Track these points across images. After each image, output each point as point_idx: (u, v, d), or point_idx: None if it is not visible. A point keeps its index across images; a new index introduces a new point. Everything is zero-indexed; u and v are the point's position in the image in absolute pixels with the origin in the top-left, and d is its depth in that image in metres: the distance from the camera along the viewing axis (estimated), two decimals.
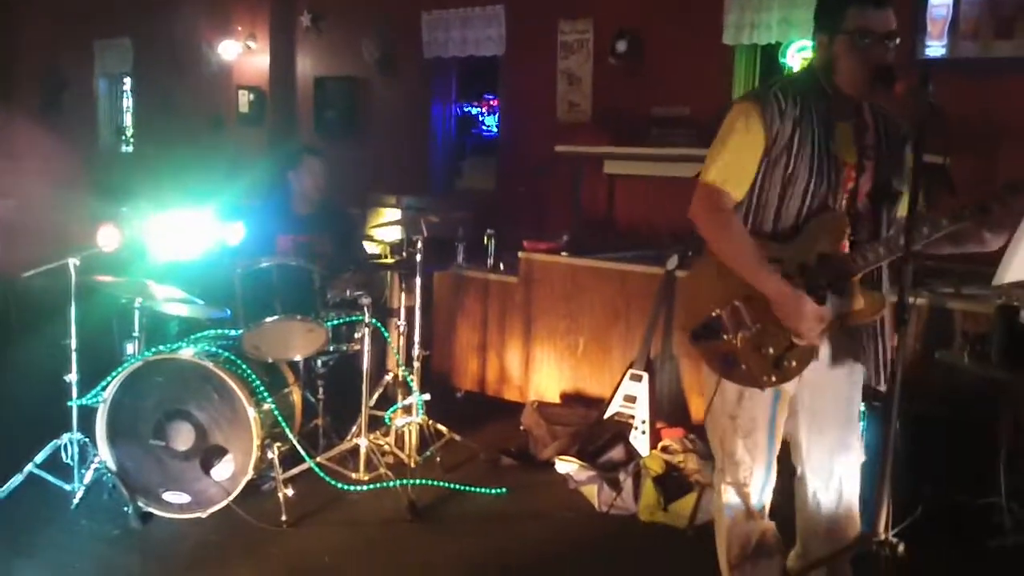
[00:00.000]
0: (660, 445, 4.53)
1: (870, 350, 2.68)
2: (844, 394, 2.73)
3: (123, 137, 10.61)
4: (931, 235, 2.39)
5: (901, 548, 2.34)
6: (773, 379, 2.59)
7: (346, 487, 4.24)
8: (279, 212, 4.89)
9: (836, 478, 2.74)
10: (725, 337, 2.60)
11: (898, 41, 2.51)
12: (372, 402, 4.56)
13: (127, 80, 10.40)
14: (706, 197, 2.60)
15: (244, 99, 8.55)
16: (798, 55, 5.72)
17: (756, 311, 2.57)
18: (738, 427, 2.72)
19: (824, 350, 2.65)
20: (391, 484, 4.20)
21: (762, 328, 2.57)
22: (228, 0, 8.60)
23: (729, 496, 2.80)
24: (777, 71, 5.88)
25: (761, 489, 2.77)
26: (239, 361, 4.12)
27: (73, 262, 3.95)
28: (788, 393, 2.69)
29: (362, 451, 4.36)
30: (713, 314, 2.61)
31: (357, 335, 4.48)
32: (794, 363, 2.58)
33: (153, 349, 4.12)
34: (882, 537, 2.35)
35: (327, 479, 4.22)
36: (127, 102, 10.56)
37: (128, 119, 10.57)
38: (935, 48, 5.09)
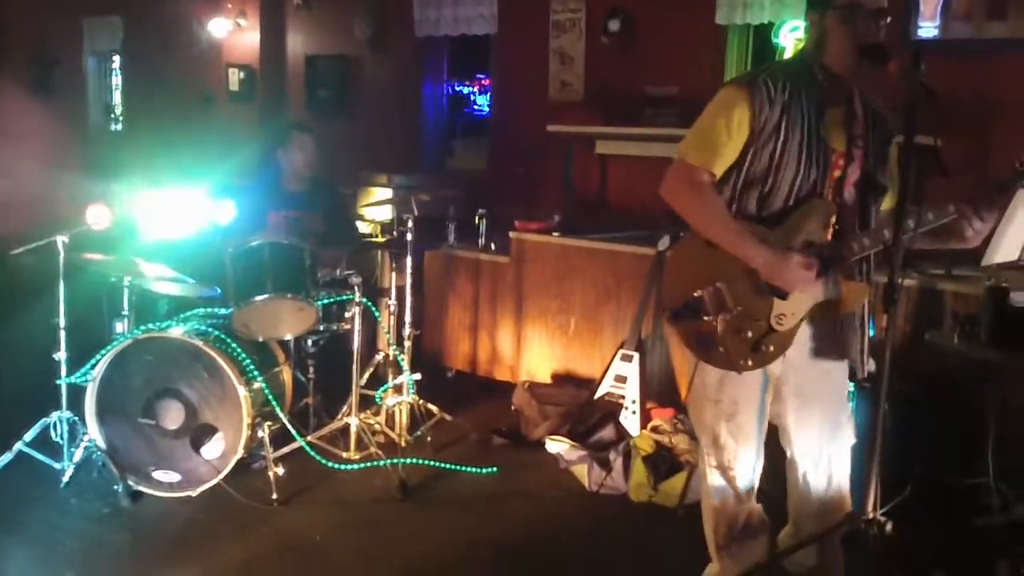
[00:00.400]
0: (650, 425, 4.54)
1: (854, 340, 2.68)
2: (831, 376, 2.73)
3: (112, 115, 10.52)
4: (916, 228, 2.38)
5: (889, 527, 2.36)
6: (750, 363, 2.59)
7: (336, 466, 4.25)
8: (270, 189, 4.87)
9: (825, 460, 2.75)
10: (705, 318, 2.60)
11: (888, 20, 2.51)
12: (363, 381, 4.56)
13: (116, 58, 10.31)
14: (681, 172, 2.61)
15: (234, 77, 8.48)
16: (791, 35, 5.70)
17: (738, 294, 2.57)
18: (721, 411, 2.72)
19: (807, 333, 2.66)
20: (381, 463, 4.21)
21: (743, 311, 2.57)
22: None
23: (714, 479, 2.81)
24: (770, 51, 5.86)
25: (749, 471, 2.78)
26: (229, 340, 4.11)
27: (62, 240, 3.93)
28: (774, 376, 2.69)
29: (352, 430, 4.36)
30: (695, 295, 2.61)
31: (348, 314, 4.47)
32: (772, 348, 2.59)
33: (142, 327, 4.10)
34: (871, 516, 2.36)
35: (317, 458, 4.22)
36: (116, 80, 10.48)
37: (117, 97, 10.49)
38: (927, 29, 5.07)
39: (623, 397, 4.77)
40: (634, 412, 4.73)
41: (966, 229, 2.46)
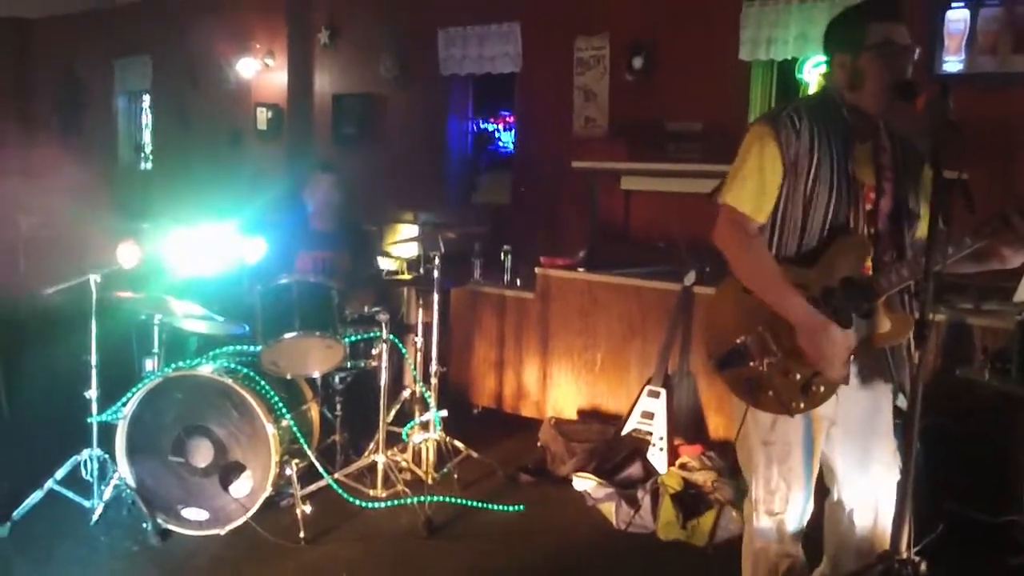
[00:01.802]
0: (678, 462, 4.51)
1: (904, 368, 2.65)
2: (876, 413, 2.68)
3: (142, 154, 10.70)
4: (955, 254, 2.37)
5: (923, 567, 2.32)
6: (801, 405, 2.55)
7: (364, 504, 4.25)
8: (298, 229, 4.93)
9: (873, 497, 2.70)
10: (751, 364, 2.57)
11: (917, 55, 2.51)
12: (390, 418, 4.56)
13: (146, 97, 10.50)
14: (730, 221, 2.60)
15: (262, 116, 8.59)
16: (814, 71, 5.72)
17: (781, 337, 2.54)
18: (772, 453, 2.67)
19: (854, 371, 2.62)
20: (408, 501, 4.21)
21: (788, 353, 2.55)
22: (246, 18, 8.67)
23: (763, 522, 2.73)
24: (794, 86, 5.87)
25: (799, 516, 2.71)
26: (258, 377, 4.14)
27: (94, 278, 3.98)
28: (827, 416, 2.65)
29: (379, 467, 4.37)
30: (738, 341, 2.59)
31: (375, 351, 4.49)
32: (822, 388, 2.54)
33: (172, 365, 4.14)
34: (904, 556, 2.33)
35: (345, 495, 4.23)
36: (146, 119, 10.66)
37: (147, 136, 10.66)
38: (952, 63, 5.08)
39: (650, 434, 4.75)
40: (661, 449, 4.70)
41: (1003, 249, 2.44)
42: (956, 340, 4.21)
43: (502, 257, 5.87)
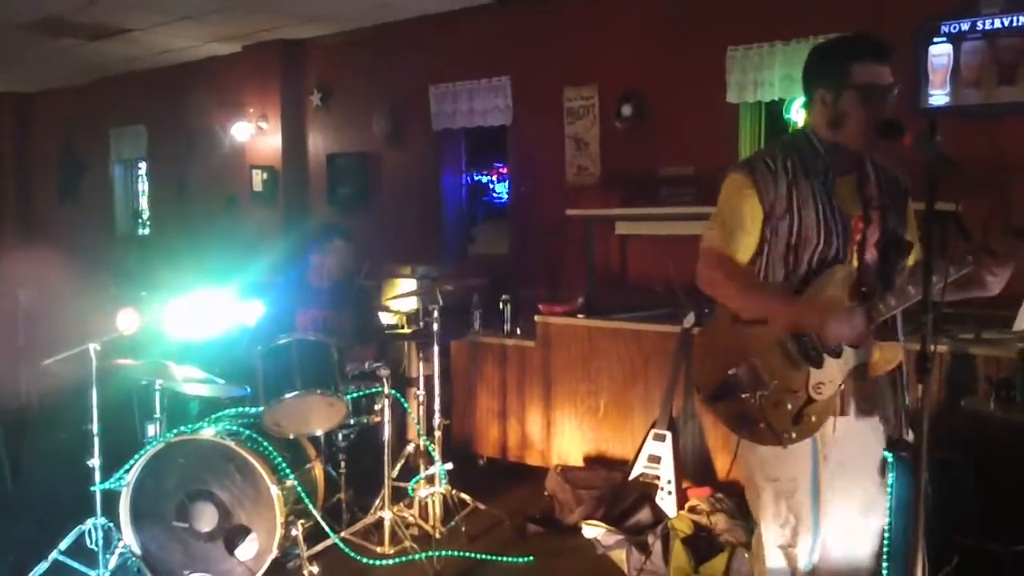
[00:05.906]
0: (687, 505, 4.48)
1: (886, 398, 2.65)
2: (871, 451, 2.68)
3: (139, 220, 10.77)
4: (940, 282, 2.36)
5: None
6: (794, 435, 2.55)
7: (371, 561, 4.20)
8: (297, 287, 4.94)
9: (854, 536, 2.68)
10: (743, 396, 2.57)
11: (897, 92, 2.53)
12: (394, 473, 4.54)
13: (142, 164, 10.60)
14: (709, 257, 2.64)
15: (257, 178, 8.66)
16: (802, 111, 5.78)
17: (773, 367, 2.55)
18: (780, 489, 2.65)
19: (850, 403, 2.62)
20: (417, 557, 4.17)
21: (779, 384, 2.54)
22: (239, 83, 8.77)
23: (774, 560, 2.71)
24: (782, 127, 5.94)
25: (810, 551, 2.69)
26: (260, 439, 4.12)
27: (94, 347, 3.97)
28: (826, 447, 2.64)
29: (386, 524, 4.33)
30: (730, 372, 2.59)
31: (377, 407, 4.48)
32: (814, 418, 2.55)
33: (174, 430, 4.12)
34: None
35: (352, 554, 4.18)
36: (142, 186, 10.75)
37: (144, 203, 10.74)
38: (938, 97, 5.14)
39: (658, 478, 4.71)
40: (670, 492, 4.66)
41: (985, 276, 2.43)
42: (959, 370, 4.20)
43: (501, 307, 5.88)
